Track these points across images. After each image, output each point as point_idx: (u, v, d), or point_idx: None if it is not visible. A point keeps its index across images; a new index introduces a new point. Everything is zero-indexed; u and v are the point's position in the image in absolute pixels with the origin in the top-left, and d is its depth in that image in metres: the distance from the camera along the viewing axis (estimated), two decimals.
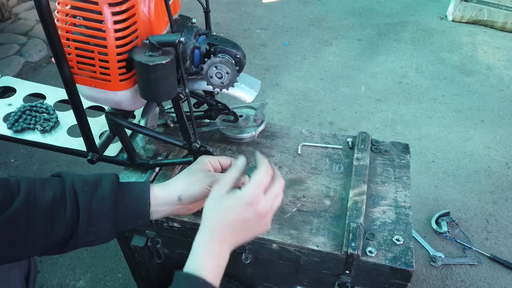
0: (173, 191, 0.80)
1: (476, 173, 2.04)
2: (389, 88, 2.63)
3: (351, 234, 0.90)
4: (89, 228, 0.74)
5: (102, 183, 0.76)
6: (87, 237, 0.75)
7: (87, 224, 0.73)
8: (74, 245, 0.75)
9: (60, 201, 0.72)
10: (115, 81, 0.83)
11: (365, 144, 1.13)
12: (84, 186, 0.75)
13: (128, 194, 0.78)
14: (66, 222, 0.72)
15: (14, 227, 0.68)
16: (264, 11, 3.47)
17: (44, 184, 0.73)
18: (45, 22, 0.74)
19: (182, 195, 0.80)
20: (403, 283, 0.90)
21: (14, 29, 3.06)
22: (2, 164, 2.04)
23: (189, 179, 0.81)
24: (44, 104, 1.25)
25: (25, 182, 0.72)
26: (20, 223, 0.69)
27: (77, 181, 0.75)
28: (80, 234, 0.74)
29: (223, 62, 0.86)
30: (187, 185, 0.80)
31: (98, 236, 0.76)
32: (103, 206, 0.74)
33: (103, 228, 0.75)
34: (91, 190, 0.75)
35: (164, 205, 0.80)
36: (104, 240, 0.78)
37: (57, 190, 0.73)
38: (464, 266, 1.65)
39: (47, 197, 0.72)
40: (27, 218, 0.70)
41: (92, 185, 0.75)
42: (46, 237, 0.71)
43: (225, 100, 1.11)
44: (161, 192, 0.80)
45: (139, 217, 0.78)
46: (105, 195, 0.75)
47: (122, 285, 1.57)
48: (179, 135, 1.02)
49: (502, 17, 3.18)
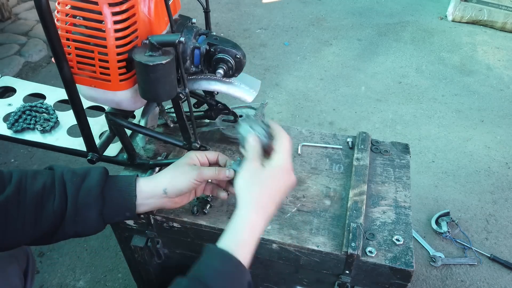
0: (159, 184, 0.82)
1: (476, 173, 2.04)
2: (389, 88, 2.63)
3: (351, 234, 0.90)
4: (76, 218, 0.76)
5: (90, 175, 0.78)
6: (75, 227, 0.77)
7: (74, 214, 0.76)
8: (63, 234, 0.77)
9: (49, 191, 0.75)
10: (115, 81, 0.83)
11: (365, 144, 1.13)
12: (72, 177, 0.77)
13: (115, 187, 0.79)
14: (55, 211, 0.74)
15: (5, 214, 0.71)
16: (264, 11, 3.46)
17: (35, 175, 0.76)
18: (45, 22, 0.74)
19: (168, 188, 0.81)
20: (403, 283, 0.90)
21: (14, 29, 3.06)
22: (2, 164, 2.04)
23: (175, 173, 0.83)
24: (44, 104, 1.25)
25: (17, 172, 0.75)
26: (11, 210, 0.71)
27: (67, 172, 0.77)
28: (67, 224, 0.76)
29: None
30: (172, 178, 0.82)
31: (85, 226, 0.78)
32: (90, 197, 0.76)
33: (90, 218, 0.77)
34: (79, 181, 0.77)
35: (150, 198, 0.81)
36: (92, 231, 0.80)
37: (47, 180, 0.75)
38: (464, 266, 1.65)
39: (37, 187, 0.74)
40: (18, 206, 0.72)
41: (80, 176, 0.78)
42: (36, 225, 0.74)
43: (225, 100, 1.11)
44: (147, 185, 0.81)
45: (125, 210, 0.80)
46: (92, 186, 0.77)
47: (122, 285, 1.56)
48: (179, 135, 1.02)
49: (502, 17, 3.18)
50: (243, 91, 0.97)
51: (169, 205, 0.86)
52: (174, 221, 0.98)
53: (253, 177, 0.74)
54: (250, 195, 0.73)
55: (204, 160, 0.88)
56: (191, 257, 1.10)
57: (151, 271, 1.19)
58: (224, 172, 0.84)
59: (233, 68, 0.89)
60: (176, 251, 1.10)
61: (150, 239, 1.06)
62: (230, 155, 1.14)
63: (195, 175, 0.82)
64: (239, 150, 1.16)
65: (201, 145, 0.98)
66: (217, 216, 0.97)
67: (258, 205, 0.72)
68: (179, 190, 0.82)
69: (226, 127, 1.16)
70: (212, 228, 0.96)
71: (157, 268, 1.19)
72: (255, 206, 0.72)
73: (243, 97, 0.97)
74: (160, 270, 1.19)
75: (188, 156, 0.87)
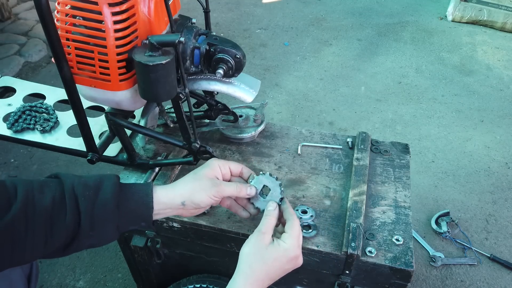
0: (177, 196, 0.79)
1: (476, 173, 2.04)
2: (389, 88, 2.63)
3: (351, 234, 0.90)
4: (91, 232, 0.73)
5: (103, 187, 0.74)
6: (90, 241, 0.74)
7: (89, 228, 0.72)
8: (76, 248, 0.74)
9: (59, 206, 0.71)
10: (115, 81, 0.83)
11: (365, 144, 1.13)
12: (85, 190, 0.73)
13: (131, 197, 0.76)
14: (67, 227, 0.70)
15: (12, 233, 0.66)
16: (264, 11, 3.47)
17: (42, 188, 0.71)
18: (45, 22, 0.74)
19: (186, 201, 0.79)
20: (403, 283, 0.90)
21: (14, 29, 3.06)
22: (2, 164, 2.03)
23: (195, 186, 0.80)
24: (44, 104, 1.25)
25: (22, 185, 0.70)
26: (19, 229, 0.67)
27: (77, 185, 0.73)
28: (82, 238, 0.73)
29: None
30: (191, 192, 0.79)
31: (101, 239, 0.75)
32: (106, 211, 0.73)
33: (106, 231, 0.75)
34: (92, 194, 0.73)
35: (167, 208, 0.79)
36: (107, 242, 0.78)
37: (56, 194, 0.71)
38: (464, 266, 1.65)
39: (46, 202, 0.69)
40: (26, 224, 0.67)
41: (93, 189, 0.73)
42: (46, 242, 0.70)
43: (225, 100, 1.11)
44: (165, 196, 0.79)
45: (141, 220, 0.78)
46: (107, 199, 0.73)
47: (122, 285, 1.56)
48: (179, 135, 1.02)
49: (502, 17, 3.18)
50: (243, 91, 0.97)
51: (185, 214, 0.83)
52: (174, 221, 0.98)
53: (259, 252, 0.75)
54: (251, 270, 0.74)
55: (226, 171, 0.85)
56: (191, 257, 1.10)
57: (151, 271, 1.19)
58: (245, 190, 0.83)
59: (233, 68, 0.89)
60: (176, 251, 1.10)
61: (150, 239, 1.06)
62: (230, 155, 1.14)
63: (215, 191, 0.79)
64: (239, 150, 1.16)
65: (201, 145, 0.98)
66: (217, 216, 0.97)
67: (256, 281, 0.74)
68: (197, 205, 0.80)
69: (226, 127, 1.16)
70: (212, 228, 0.96)
71: (157, 268, 1.18)
72: (252, 281, 0.74)
73: (243, 97, 0.97)
74: (160, 270, 1.19)
75: (210, 166, 0.83)
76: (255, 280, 0.74)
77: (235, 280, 0.74)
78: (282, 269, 0.77)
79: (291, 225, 0.78)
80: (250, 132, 1.15)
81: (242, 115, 1.18)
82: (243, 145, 1.17)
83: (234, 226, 0.95)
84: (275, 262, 0.75)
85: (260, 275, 0.74)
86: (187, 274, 1.13)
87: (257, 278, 0.74)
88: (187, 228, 0.98)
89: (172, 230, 1.00)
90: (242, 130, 1.16)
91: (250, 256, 0.75)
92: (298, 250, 0.77)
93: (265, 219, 0.79)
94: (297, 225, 0.78)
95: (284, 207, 0.82)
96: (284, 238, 0.76)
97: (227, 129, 1.16)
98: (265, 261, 0.74)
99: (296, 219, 0.79)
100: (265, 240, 0.75)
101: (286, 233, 0.77)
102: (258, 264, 0.74)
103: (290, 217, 0.80)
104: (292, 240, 0.76)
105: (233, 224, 0.95)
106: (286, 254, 0.75)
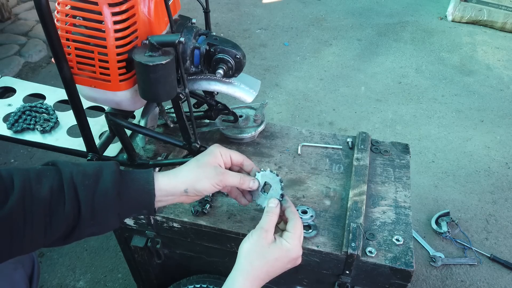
0: (180, 184, 0.78)
1: (476, 173, 2.04)
2: (389, 88, 2.63)
3: (351, 234, 0.90)
4: (92, 221, 0.72)
5: (103, 175, 0.73)
6: (91, 229, 0.73)
7: (90, 218, 0.71)
8: (77, 236, 0.73)
9: (58, 196, 0.69)
10: (115, 81, 0.83)
11: (365, 144, 1.13)
12: (84, 179, 0.71)
13: (132, 185, 0.75)
14: (66, 217, 0.69)
15: (10, 225, 0.65)
16: (264, 11, 3.47)
17: (39, 177, 0.69)
18: (45, 22, 0.74)
19: (189, 189, 0.78)
20: (403, 283, 0.90)
21: (14, 29, 3.06)
22: (2, 164, 2.03)
23: (198, 173, 0.79)
24: (44, 104, 1.25)
25: (18, 176, 0.68)
26: (17, 221, 0.66)
27: (76, 174, 0.71)
28: (83, 227, 0.71)
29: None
30: (195, 180, 0.78)
31: (102, 227, 0.74)
32: (107, 200, 0.72)
33: (108, 220, 0.74)
34: (92, 183, 0.71)
35: (169, 195, 0.78)
36: (108, 230, 0.77)
37: (54, 183, 0.69)
38: (464, 266, 1.65)
39: (43, 192, 0.68)
40: (24, 215, 0.66)
41: (92, 178, 0.72)
42: (46, 233, 0.69)
43: (225, 100, 1.11)
44: (167, 184, 0.77)
45: (143, 207, 0.77)
46: (108, 188, 0.72)
47: (122, 285, 1.56)
48: (179, 135, 1.02)
49: (502, 17, 3.18)
50: (243, 91, 0.97)
51: (187, 201, 0.83)
52: (174, 221, 0.98)
53: (261, 250, 0.74)
54: (251, 266, 0.74)
55: (228, 159, 0.84)
56: (191, 257, 1.10)
57: (151, 271, 1.19)
58: (248, 183, 0.82)
59: (233, 68, 0.89)
60: (176, 251, 1.10)
61: (150, 239, 1.06)
62: None
63: (218, 180, 0.79)
64: (239, 150, 1.15)
65: (201, 145, 0.98)
66: (217, 216, 0.97)
67: (255, 278, 0.74)
68: (199, 192, 0.79)
69: (226, 127, 1.16)
70: (212, 228, 0.96)
71: (157, 268, 1.19)
72: (252, 278, 0.74)
73: (243, 97, 0.97)
74: (160, 270, 1.19)
75: (212, 154, 0.81)
76: (255, 278, 0.74)
77: (234, 276, 0.73)
78: (282, 268, 0.76)
79: (294, 224, 0.77)
80: (250, 132, 1.15)
81: (242, 115, 1.18)
82: (243, 145, 1.17)
83: (234, 226, 0.95)
84: (277, 261, 0.74)
85: (260, 273, 0.74)
86: (187, 274, 1.13)
87: (257, 276, 0.74)
88: (187, 228, 0.98)
89: (172, 230, 1.00)
90: (242, 130, 1.16)
91: (251, 253, 0.74)
92: (300, 251, 0.77)
93: (266, 216, 0.78)
94: (300, 224, 0.78)
95: (286, 205, 0.82)
96: (287, 237, 0.76)
97: (227, 129, 1.16)
98: (267, 259, 0.74)
99: (299, 219, 0.79)
100: (267, 238, 0.75)
101: (289, 232, 0.76)
102: (259, 262, 0.74)
103: (293, 216, 0.79)
104: (295, 241, 0.76)
105: (233, 224, 0.95)
106: (289, 255, 0.75)
